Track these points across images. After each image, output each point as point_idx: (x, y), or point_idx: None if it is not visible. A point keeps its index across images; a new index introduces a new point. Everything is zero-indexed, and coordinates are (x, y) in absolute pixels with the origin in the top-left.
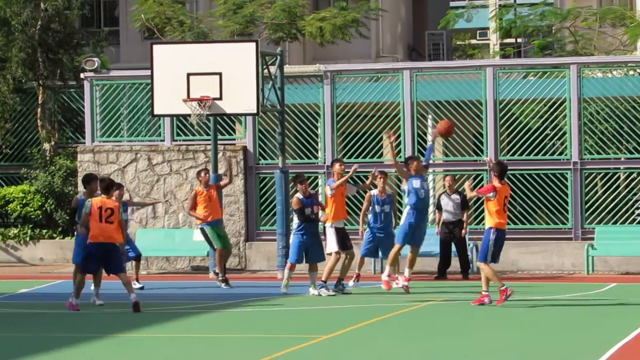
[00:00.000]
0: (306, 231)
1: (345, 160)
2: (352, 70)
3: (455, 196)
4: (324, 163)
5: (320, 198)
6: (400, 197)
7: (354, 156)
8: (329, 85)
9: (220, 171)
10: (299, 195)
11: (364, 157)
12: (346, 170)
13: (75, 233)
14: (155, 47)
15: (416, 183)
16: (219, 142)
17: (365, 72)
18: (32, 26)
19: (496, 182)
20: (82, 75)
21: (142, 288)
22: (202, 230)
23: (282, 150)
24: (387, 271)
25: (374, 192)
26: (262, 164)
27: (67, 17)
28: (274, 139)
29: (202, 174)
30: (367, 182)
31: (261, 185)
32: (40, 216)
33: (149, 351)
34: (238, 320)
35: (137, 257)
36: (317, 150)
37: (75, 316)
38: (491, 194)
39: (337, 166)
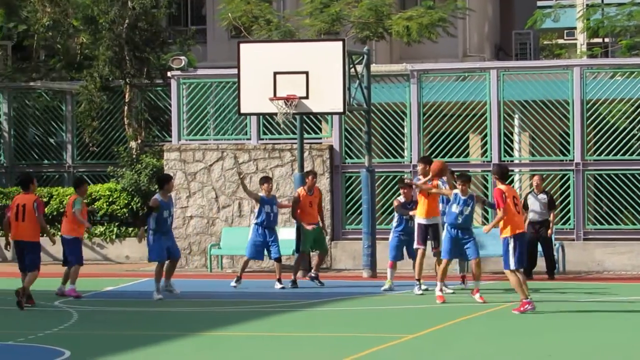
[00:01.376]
0: (405, 230)
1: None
2: (439, 69)
3: (542, 196)
4: (410, 162)
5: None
6: None
7: (440, 155)
8: (415, 85)
9: (307, 169)
10: (400, 198)
11: (450, 156)
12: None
13: (148, 232)
14: (242, 45)
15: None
16: (305, 141)
17: (452, 71)
18: (119, 24)
19: (500, 185)
20: (169, 74)
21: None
22: (299, 229)
23: (369, 150)
24: (438, 286)
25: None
26: (348, 163)
27: (155, 15)
28: (360, 138)
29: (310, 177)
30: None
31: (347, 184)
32: (127, 214)
33: (232, 349)
34: (323, 319)
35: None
36: (403, 150)
37: (159, 314)
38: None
39: (420, 166)
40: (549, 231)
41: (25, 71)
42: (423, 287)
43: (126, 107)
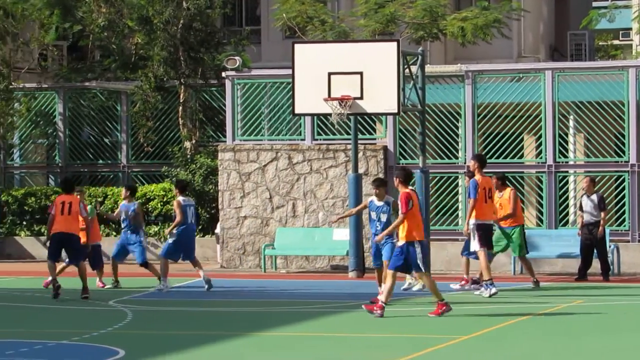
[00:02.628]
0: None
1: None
2: (494, 70)
3: (593, 197)
4: (464, 163)
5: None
6: None
7: (495, 156)
8: (470, 85)
9: (361, 170)
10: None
11: (505, 157)
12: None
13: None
14: (296, 46)
15: None
16: (359, 141)
17: (506, 72)
18: (174, 25)
19: (405, 189)
20: (223, 74)
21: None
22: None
23: (423, 150)
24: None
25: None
26: (403, 164)
27: (209, 15)
28: (415, 138)
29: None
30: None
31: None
32: None
33: (286, 349)
34: (376, 319)
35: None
36: (457, 150)
37: (213, 314)
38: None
39: (472, 162)
40: (600, 230)
41: (80, 71)
42: (493, 289)
43: (181, 108)
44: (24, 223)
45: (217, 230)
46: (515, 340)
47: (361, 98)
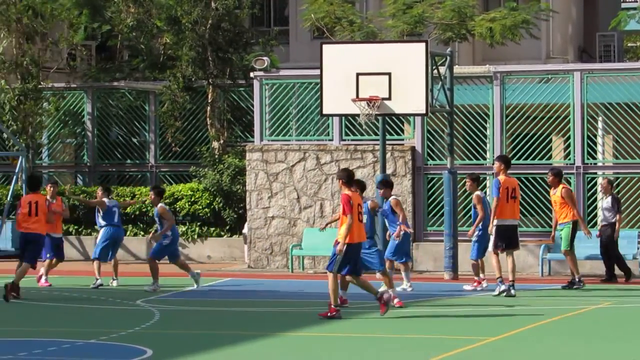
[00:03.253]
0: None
1: (514, 162)
2: (522, 71)
3: (607, 199)
4: (492, 164)
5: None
6: None
7: (523, 157)
8: (498, 86)
9: (389, 171)
10: (479, 193)
11: (533, 158)
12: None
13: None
14: (325, 46)
15: None
16: (387, 142)
17: (535, 73)
18: (202, 25)
19: (346, 191)
20: (251, 74)
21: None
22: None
23: (451, 151)
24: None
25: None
26: (430, 165)
27: (237, 16)
28: (443, 139)
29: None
30: None
31: (429, 185)
32: (208, 214)
33: (315, 350)
34: (405, 320)
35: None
36: (485, 151)
37: (241, 314)
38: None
39: (496, 164)
40: (615, 235)
41: (108, 71)
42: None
43: (209, 108)
44: None
45: (245, 231)
46: (544, 341)
47: (389, 99)
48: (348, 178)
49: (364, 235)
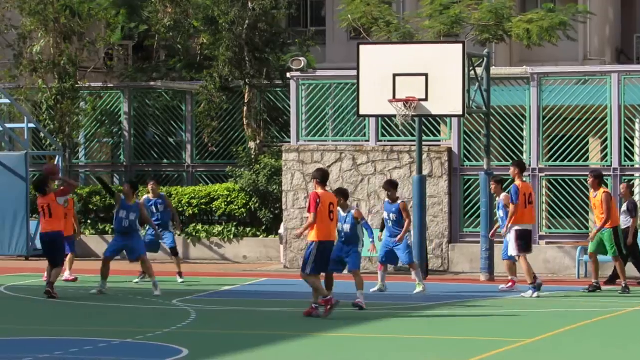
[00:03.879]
0: None
1: (550, 163)
2: (559, 72)
3: (625, 203)
4: (529, 166)
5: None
6: None
7: (559, 159)
8: (535, 88)
9: (425, 172)
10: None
11: (569, 160)
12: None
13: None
14: (362, 47)
15: None
16: (423, 143)
17: (572, 74)
18: (239, 25)
19: (318, 189)
20: (288, 75)
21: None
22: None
23: (488, 152)
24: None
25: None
26: (467, 166)
27: (274, 16)
28: (479, 140)
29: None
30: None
31: (465, 187)
32: (245, 214)
33: (350, 351)
34: (440, 321)
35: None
36: (522, 153)
37: (277, 314)
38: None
39: (512, 169)
40: (628, 239)
41: (145, 71)
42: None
43: (245, 108)
44: (89, 222)
45: (281, 231)
46: (580, 344)
47: (426, 100)
48: (322, 178)
49: (334, 235)
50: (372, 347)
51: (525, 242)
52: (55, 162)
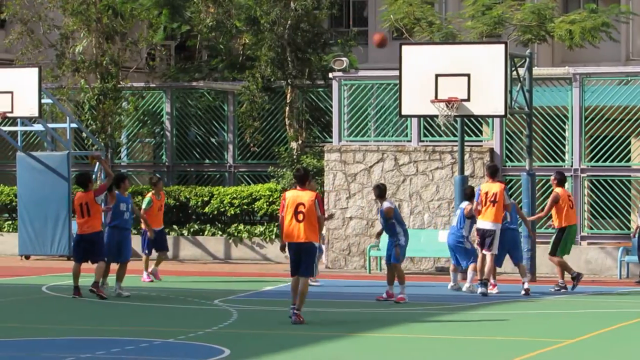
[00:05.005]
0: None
1: (592, 163)
2: (602, 73)
3: None
4: (571, 166)
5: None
6: None
7: (601, 159)
8: (577, 88)
9: (467, 172)
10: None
11: (611, 160)
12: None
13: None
14: (404, 47)
15: None
16: (465, 143)
17: (614, 75)
18: (281, 25)
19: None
20: (330, 75)
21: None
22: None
23: (530, 153)
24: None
25: None
26: (509, 166)
27: (316, 16)
28: (521, 141)
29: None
30: None
31: (507, 187)
32: None
33: (390, 351)
34: (481, 322)
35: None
36: (564, 153)
37: (317, 315)
38: None
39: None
40: None
41: (188, 71)
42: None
43: (287, 108)
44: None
45: (323, 231)
46: (624, 344)
47: (468, 100)
48: (300, 179)
49: (301, 235)
50: (415, 347)
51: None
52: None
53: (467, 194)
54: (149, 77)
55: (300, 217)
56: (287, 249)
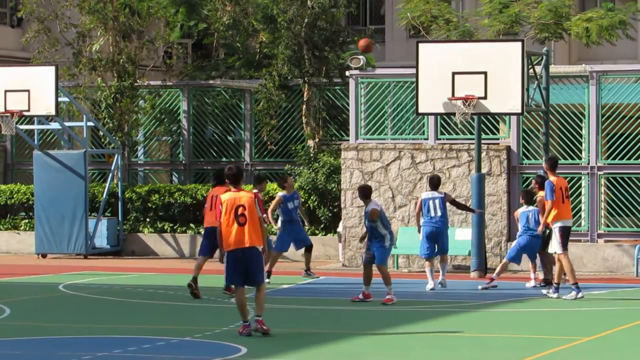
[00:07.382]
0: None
1: (609, 161)
2: (619, 70)
3: None
4: (588, 164)
5: None
6: None
7: (618, 157)
8: (594, 86)
9: (484, 170)
10: None
11: (628, 158)
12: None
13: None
14: (421, 45)
15: None
16: (482, 141)
17: (631, 72)
18: (298, 23)
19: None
20: (347, 73)
21: None
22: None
23: (546, 151)
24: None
25: None
26: (526, 164)
27: (334, 14)
28: (538, 139)
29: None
30: None
31: (524, 185)
32: (304, 212)
33: (408, 349)
34: (497, 320)
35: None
36: (580, 151)
37: (337, 313)
38: None
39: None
40: None
41: (204, 69)
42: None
43: (304, 106)
44: (147, 220)
45: (340, 229)
46: (637, 343)
47: (485, 98)
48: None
49: (246, 239)
50: (430, 344)
51: (567, 239)
52: (114, 161)
53: (434, 183)
54: (165, 75)
55: (242, 220)
56: (225, 258)
